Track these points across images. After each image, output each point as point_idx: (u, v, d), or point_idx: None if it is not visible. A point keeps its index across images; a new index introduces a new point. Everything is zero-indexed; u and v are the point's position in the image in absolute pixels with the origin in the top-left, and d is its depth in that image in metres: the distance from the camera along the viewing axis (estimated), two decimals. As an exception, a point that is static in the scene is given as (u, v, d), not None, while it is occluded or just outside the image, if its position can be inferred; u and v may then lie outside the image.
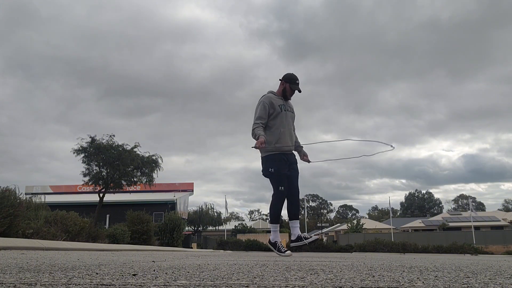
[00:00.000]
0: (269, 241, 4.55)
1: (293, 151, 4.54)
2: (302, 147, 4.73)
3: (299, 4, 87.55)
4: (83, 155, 18.25)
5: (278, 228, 4.50)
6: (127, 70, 79.32)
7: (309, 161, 4.67)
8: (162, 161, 19.57)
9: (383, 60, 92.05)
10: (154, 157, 19.33)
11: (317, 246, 23.99)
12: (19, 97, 79.95)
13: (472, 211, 35.15)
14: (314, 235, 4.57)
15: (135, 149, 18.68)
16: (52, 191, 35.93)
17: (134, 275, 1.58)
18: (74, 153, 18.23)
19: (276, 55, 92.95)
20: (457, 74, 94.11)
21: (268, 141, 4.24)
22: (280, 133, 4.33)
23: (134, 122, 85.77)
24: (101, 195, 18.73)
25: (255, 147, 4.10)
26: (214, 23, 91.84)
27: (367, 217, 72.56)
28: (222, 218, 40.77)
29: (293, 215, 4.50)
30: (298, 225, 4.54)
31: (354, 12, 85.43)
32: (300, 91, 4.50)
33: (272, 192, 4.33)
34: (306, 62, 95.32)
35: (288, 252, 4.30)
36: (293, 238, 4.53)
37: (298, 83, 4.49)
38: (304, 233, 4.52)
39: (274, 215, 4.39)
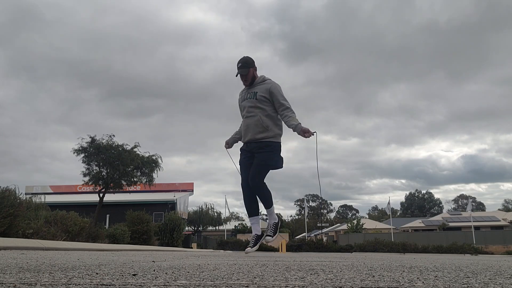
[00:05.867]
0: None
1: (258, 140, 3.99)
2: (297, 124, 3.91)
3: (300, 7, 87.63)
4: (83, 155, 18.25)
5: (254, 220, 4.16)
6: (130, 71, 79.45)
7: (311, 135, 3.85)
8: (162, 161, 19.59)
9: (383, 62, 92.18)
10: (154, 157, 19.33)
11: (317, 246, 23.99)
12: (22, 99, 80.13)
13: (468, 208, 35.19)
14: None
15: (135, 149, 18.68)
16: (52, 191, 35.92)
17: (134, 275, 1.58)
18: (74, 153, 18.24)
19: (277, 57, 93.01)
20: (456, 76, 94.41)
21: None
22: (240, 126, 4.26)
23: (136, 123, 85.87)
24: (101, 195, 18.72)
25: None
26: (216, 26, 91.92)
27: (367, 217, 72.54)
28: (222, 218, 40.76)
29: (249, 210, 4.18)
30: (270, 212, 4.10)
31: (355, 15, 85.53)
32: (236, 75, 4.11)
33: None
34: (307, 64, 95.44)
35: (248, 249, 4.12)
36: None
37: (238, 66, 4.09)
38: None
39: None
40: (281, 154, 4.13)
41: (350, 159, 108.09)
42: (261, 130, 3.99)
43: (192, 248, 24.33)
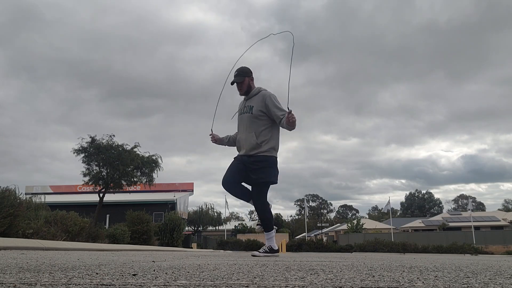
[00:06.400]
0: None
1: (252, 155, 4.01)
2: (283, 121, 3.93)
3: (300, 7, 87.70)
4: (83, 155, 18.26)
5: (269, 235, 4.18)
6: (130, 72, 79.57)
7: (291, 117, 3.76)
8: (162, 161, 19.60)
9: (383, 62, 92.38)
10: (154, 157, 19.34)
11: (317, 246, 24.00)
12: (22, 99, 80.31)
13: (470, 209, 35.21)
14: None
15: (135, 149, 18.68)
16: (52, 191, 35.91)
17: (134, 275, 1.58)
18: (74, 153, 18.25)
19: (277, 57, 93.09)
20: (456, 76, 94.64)
21: None
22: (235, 134, 4.33)
23: (137, 123, 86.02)
24: (101, 195, 18.72)
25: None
26: (216, 26, 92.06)
27: (367, 217, 72.54)
28: (222, 218, 40.78)
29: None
30: (268, 236, 4.11)
31: (355, 15, 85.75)
32: (232, 83, 4.12)
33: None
34: (307, 64, 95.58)
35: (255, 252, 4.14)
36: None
37: (235, 74, 4.13)
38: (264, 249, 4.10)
39: None
40: (277, 167, 4.11)
41: (350, 159, 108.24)
42: (255, 147, 4.01)
43: (192, 248, 24.33)
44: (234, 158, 4.27)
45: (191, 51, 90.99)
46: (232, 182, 4.09)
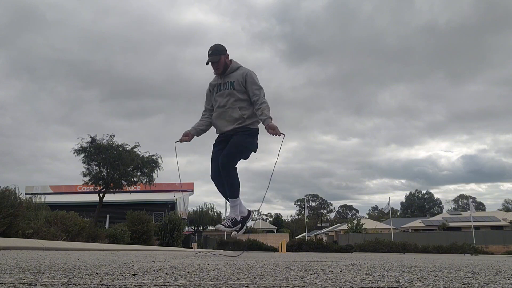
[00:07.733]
0: None
1: (235, 128, 3.94)
2: (267, 118, 3.80)
3: (300, 8, 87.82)
4: (83, 155, 18.24)
5: (234, 202, 4.04)
6: (130, 72, 79.72)
7: (277, 134, 3.72)
8: (162, 161, 19.59)
9: (382, 63, 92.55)
10: (154, 157, 19.33)
11: (317, 246, 23.99)
12: (23, 99, 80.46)
13: (471, 210, 35.20)
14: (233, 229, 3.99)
15: (135, 149, 18.67)
16: (52, 191, 35.88)
17: (134, 275, 1.58)
18: (74, 153, 18.23)
19: (278, 57, 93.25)
20: (456, 76, 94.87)
21: None
22: (213, 118, 4.17)
23: (137, 124, 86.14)
24: (101, 195, 18.71)
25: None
26: (216, 27, 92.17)
27: (367, 217, 72.53)
28: (222, 218, 40.77)
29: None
30: (233, 204, 3.98)
31: (355, 16, 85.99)
32: (207, 63, 4.09)
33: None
34: (308, 65, 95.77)
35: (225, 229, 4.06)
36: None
37: (209, 53, 4.07)
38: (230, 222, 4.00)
39: None
40: (256, 139, 4.05)
41: (350, 159, 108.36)
42: (240, 121, 3.92)
43: (192, 248, 24.32)
44: (215, 141, 4.17)
45: (192, 52, 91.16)
46: (220, 179, 4.02)
